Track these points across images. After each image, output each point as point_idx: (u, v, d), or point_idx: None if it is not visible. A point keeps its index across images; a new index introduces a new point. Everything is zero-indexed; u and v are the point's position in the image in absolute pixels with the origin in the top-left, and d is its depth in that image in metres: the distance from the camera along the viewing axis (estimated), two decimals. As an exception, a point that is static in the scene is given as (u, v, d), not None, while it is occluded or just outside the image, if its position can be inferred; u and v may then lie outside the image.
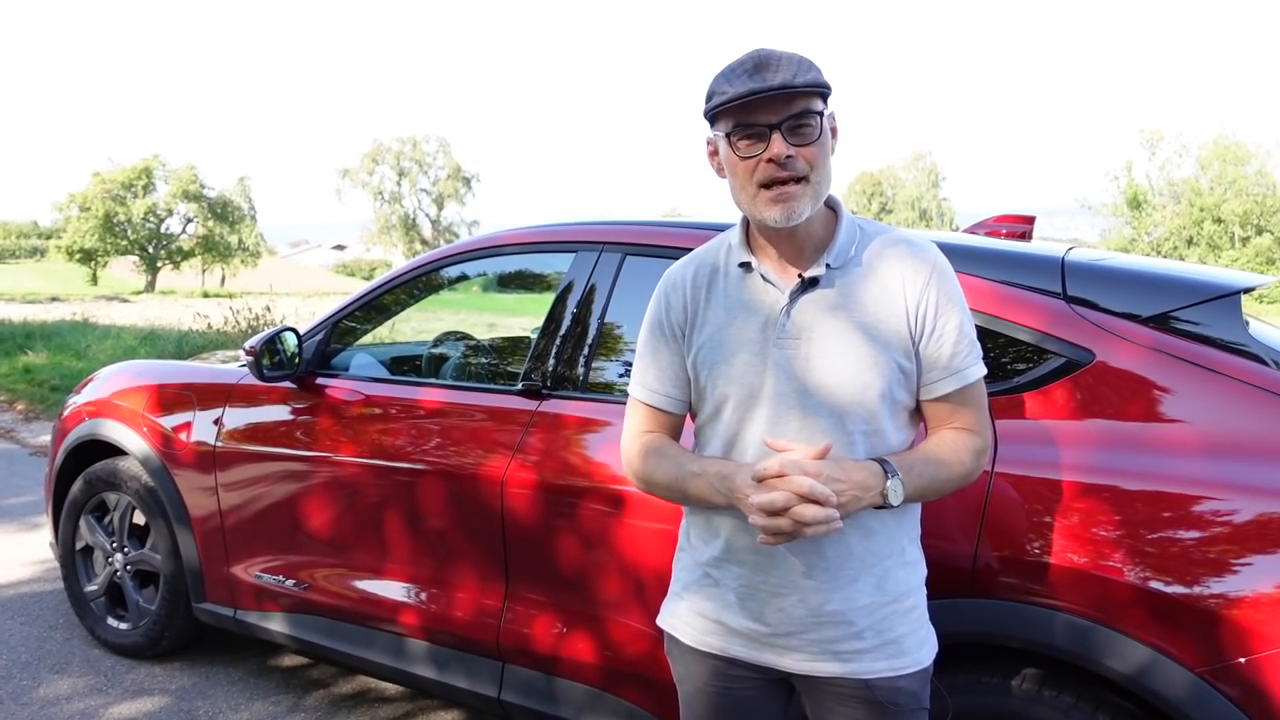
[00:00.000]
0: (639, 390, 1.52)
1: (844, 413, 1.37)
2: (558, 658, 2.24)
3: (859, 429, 1.37)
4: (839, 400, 1.36)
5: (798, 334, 1.38)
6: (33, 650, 3.29)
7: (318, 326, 2.86)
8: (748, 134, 1.33)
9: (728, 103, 1.31)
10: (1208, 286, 1.79)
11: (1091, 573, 1.62)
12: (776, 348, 1.38)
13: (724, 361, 1.42)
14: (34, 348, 10.77)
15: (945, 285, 1.40)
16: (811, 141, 1.33)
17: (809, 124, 1.32)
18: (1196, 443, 1.63)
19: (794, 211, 1.33)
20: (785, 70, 1.30)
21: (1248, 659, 1.50)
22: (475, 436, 2.39)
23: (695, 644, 1.49)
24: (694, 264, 1.50)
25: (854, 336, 1.37)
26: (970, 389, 1.41)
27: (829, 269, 1.39)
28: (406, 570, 2.51)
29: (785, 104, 1.31)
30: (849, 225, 1.43)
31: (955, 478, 1.40)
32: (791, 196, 1.32)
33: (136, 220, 49.20)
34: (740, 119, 1.33)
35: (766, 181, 1.33)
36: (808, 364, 1.37)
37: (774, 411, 1.38)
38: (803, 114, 1.31)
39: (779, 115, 1.31)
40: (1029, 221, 2.55)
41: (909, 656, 1.41)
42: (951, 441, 1.41)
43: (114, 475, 3.19)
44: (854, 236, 1.42)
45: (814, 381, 1.37)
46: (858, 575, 1.39)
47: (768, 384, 1.39)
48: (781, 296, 1.39)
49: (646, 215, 2.48)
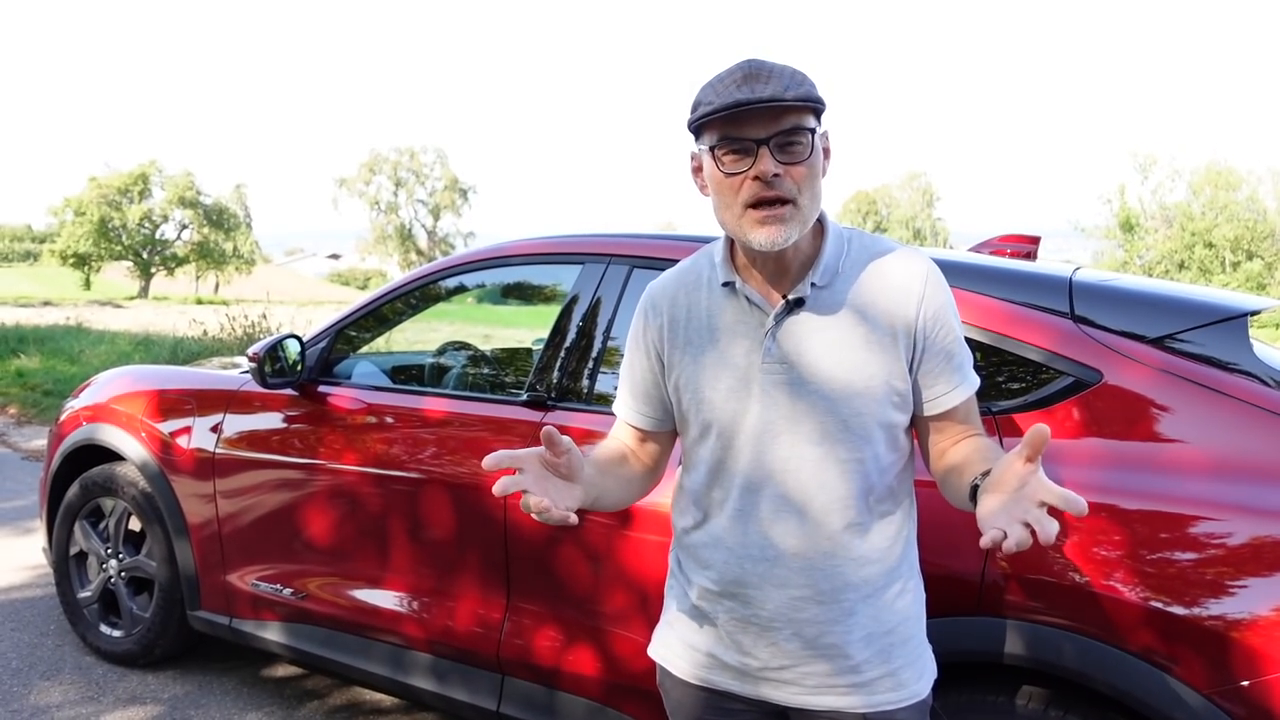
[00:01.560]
0: (616, 403, 1.51)
1: (834, 439, 1.31)
2: (559, 671, 2.23)
3: (851, 455, 1.31)
4: (828, 426, 1.30)
5: (784, 358, 1.31)
6: (24, 657, 3.25)
7: (321, 334, 2.86)
8: (733, 149, 1.25)
9: (713, 114, 1.23)
10: (1216, 309, 1.80)
11: (1100, 593, 1.62)
12: (763, 372, 1.32)
13: (707, 385, 1.36)
14: (26, 352, 10.72)
15: (940, 296, 1.33)
16: (801, 160, 1.25)
17: (799, 141, 1.24)
18: (1206, 464, 1.63)
19: (781, 236, 1.25)
20: (776, 83, 1.22)
21: (1256, 681, 1.50)
22: (478, 446, 2.38)
23: (687, 676, 1.44)
24: (675, 281, 1.43)
25: (843, 359, 1.30)
26: (971, 398, 1.38)
27: (815, 288, 1.32)
28: (406, 580, 2.50)
29: (774, 118, 1.23)
30: (836, 239, 1.35)
31: None
32: (779, 220, 1.25)
33: (131, 226, 49.11)
34: (726, 132, 1.24)
35: (753, 201, 1.25)
36: (795, 389, 1.31)
37: (760, 438, 1.32)
38: (793, 130, 1.23)
39: (767, 130, 1.23)
40: (1034, 241, 2.56)
41: (908, 689, 1.37)
42: (991, 448, 1.32)
43: (111, 480, 3.17)
44: (841, 251, 1.35)
45: (802, 407, 1.31)
46: (854, 607, 1.33)
47: (753, 410, 1.33)
48: (766, 318, 1.33)
49: (649, 228, 2.48)
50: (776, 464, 1.33)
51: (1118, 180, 31.03)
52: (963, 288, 1.88)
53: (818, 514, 1.32)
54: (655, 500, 2.04)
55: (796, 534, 1.33)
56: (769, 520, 1.34)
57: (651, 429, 1.47)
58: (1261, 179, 30.37)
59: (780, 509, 1.34)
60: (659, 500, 2.03)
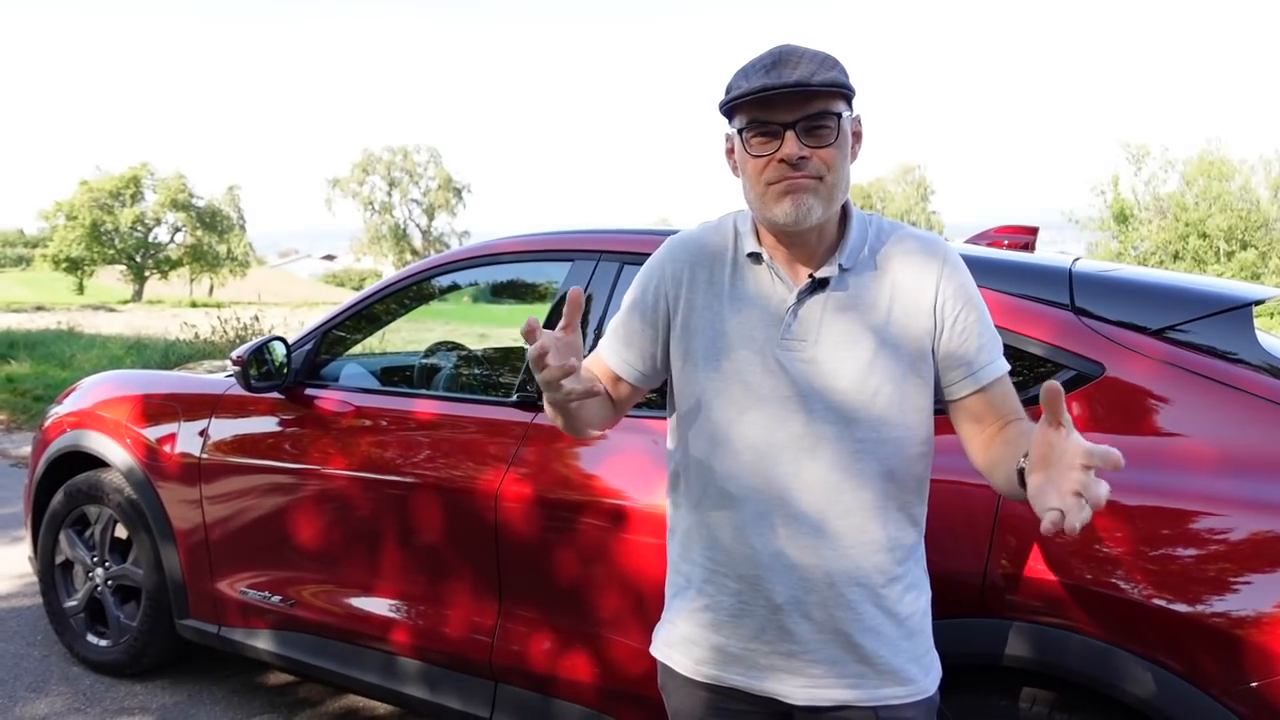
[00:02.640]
0: (601, 344, 1.47)
1: (851, 419, 1.29)
2: (553, 677, 2.18)
3: (868, 436, 1.30)
4: (846, 407, 1.29)
5: (804, 335, 1.31)
6: (9, 668, 3.20)
7: (307, 336, 2.81)
8: (761, 131, 1.27)
9: (741, 97, 1.26)
10: (1219, 299, 1.76)
11: (1104, 592, 1.58)
12: (781, 348, 1.31)
13: (722, 355, 1.34)
14: (17, 357, 10.65)
15: (959, 278, 1.33)
16: (828, 144, 1.27)
17: (826, 125, 1.26)
18: (1210, 458, 1.59)
19: (803, 207, 1.26)
20: (804, 67, 1.25)
21: (1265, 681, 1.46)
22: (468, 449, 2.34)
23: (690, 674, 1.41)
24: (700, 243, 1.41)
25: (864, 340, 1.30)
26: (1004, 379, 1.34)
27: (841, 270, 1.32)
28: (397, 586, 2.45)
29: (802, 103, 1.25)
30: (860, 222, 1.36)
31: None
32: (802, 189, 1.26)
33: (124, 229, 48.94)
34: (755, 115, 1.27)
35: (777, 180, 1.27)
36: (813, 367, 1.30)
37: (773, 414, 1.31)
38: (820, 115, 1.26)
39: (795, 114, 1.25)
40: (1032, 232, 2.52)
41: (915, 684, 1.35)
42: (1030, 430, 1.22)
43: (96, 488, 3.12)
44: (865, 234, 1.36)
45: (819, 386, 1.30)
46: (863, 595, 1.32)
47: (767, 385, 1.32)
48: (789, 294, 1.33)
49: (645, 225, 2.44)
50: (790, 441, 1.31)
51: (1111, 171, 31.02)
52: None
53: (831, 495, 1.31)
54: (649, 502, 2.00)
55: (809, 515, 1.31)
56: (780, 500, 1.32)
57: (631, 379, 1.44)
58: (1254, 168, 30.42)
59: (792, 489, 1.31)
60: (652, 502, 1.99)
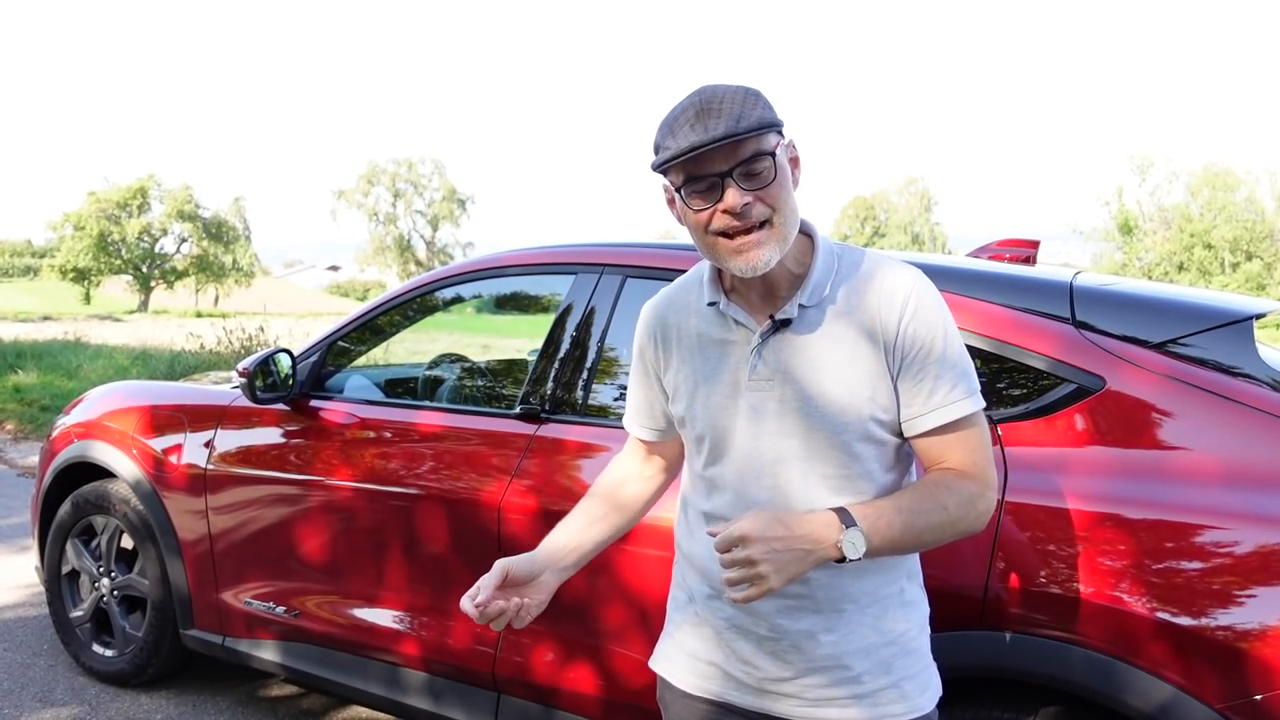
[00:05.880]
0: (625, 417, 1.57)
1: (821, 456, 1.29)
2: (556, 689, 2.19)
3: (837, 474, 1.30)
4: (814, 443, 1.29)
5: (770, 376, 1.31)
6: (15, 678, 3.21)
7: (312, 348, 2.82)
8: (698, 188, 1.24)
9: (673, 159, 1.22)
10: (1220, 312, 1.77)
11: (1108, 605, 1.58)
12: (749, 390, 1.32)
13: (699, 402, 1.37)
14: (24, 367, 10.68)
15: (923, 312, 1.28)
16: (768, 184, 1.23)
17: (762, 166, 1.23)
18: (1212, 471, 1.59)
19: (759, 260, 1.24)
20: (728, 115, 1.20)
21: (1267, 694, 1.46)
22: (472, 460, 2.35)
23: (689, 689, 1.42)
24: (666, 301, 1.45)
25: (828, 378, 1.29)
26: (959, 424, 1.28)
27: (802, 308, 1.30)
28: (401, 598, 2.46)
29: (733, 150, 1.21)
30: (826, 256, 1.33)
31: (940, 526, 1.24)
32: (754, 245, 1.23)
33: (131, 240, 49.14)
34: (690, 171, 1.23)
35: (726, 232, 1.24)
36: (782, 406, 1.31)
37: (748, 455, 1.33)
38: (754, 158, 1.22)
39: (729, 163, 1.21)
40: (1034, 246, 2.53)
41: (911, 701, 1.34)
42: (936, 485, 1.27)
43: (102, 498, 3.13)
44: (831, 269, 1.33)
45: (789, 424, 1.30)
46: (853, 616, 1.31)
47: (739, 427, 1.33)
48: (752, 336, 1.32)
49: (644, 238, 2.45)
50: (765, 479, 1.33)
51: (1115, 182, 31.06)
52: (962, 294, 1.85)
53: None
54: (654, 515, 2.01)
55: None
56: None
57: (658, 440, 1.53)
58: (1259, 179, 30.40)
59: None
60: (658, 515, 2.00)
